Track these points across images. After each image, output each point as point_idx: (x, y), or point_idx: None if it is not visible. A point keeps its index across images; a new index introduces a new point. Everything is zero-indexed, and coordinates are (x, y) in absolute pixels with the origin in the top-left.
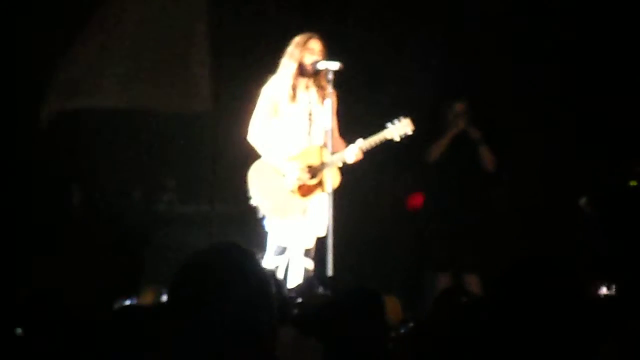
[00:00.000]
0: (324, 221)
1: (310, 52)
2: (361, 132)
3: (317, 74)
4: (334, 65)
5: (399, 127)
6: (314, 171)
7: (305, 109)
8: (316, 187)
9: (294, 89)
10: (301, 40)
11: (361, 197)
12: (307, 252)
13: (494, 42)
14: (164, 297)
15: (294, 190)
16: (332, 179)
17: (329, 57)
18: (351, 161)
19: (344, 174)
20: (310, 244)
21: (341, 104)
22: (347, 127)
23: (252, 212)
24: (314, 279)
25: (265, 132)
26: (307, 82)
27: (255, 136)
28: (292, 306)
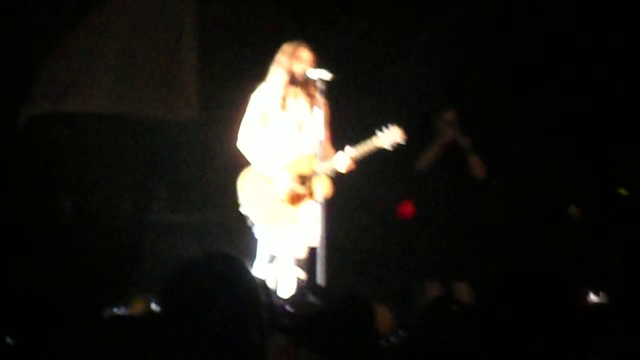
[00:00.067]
0: (315, 230)
1: (299, 61)
2: (351, 141)
3: (307, 83)
4: (325, 74)
5: (387, 135)
6: (304, 180)
7: (295, 118)
8: (306, 196)
9: (284, 98)
10: (290, 48)
11: (352, 206)
12: (298, 262)
13: (485, 51)
14: (154, 306)
15: (284, 198)
16: (323, 188)
17: (319, 65)
18: (343, 170)
19: (335, 183)
20: (301, 253)
21: (331, 111)
22: (338, 135)
23: (242, 220)
24: (305, 288)
25: (255, 140)
26: (297, 91)
27: (245, 143)
28: (283, 315)
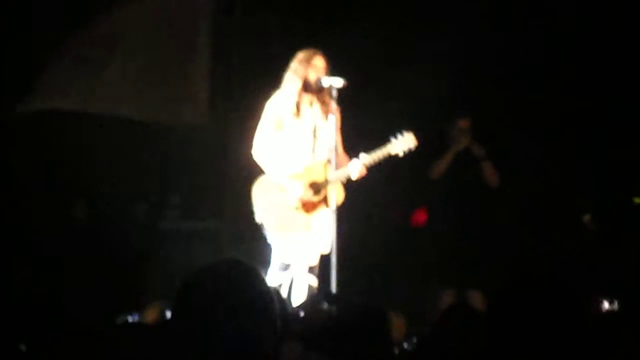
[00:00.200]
0: (329, 238)
1: (314, 69)
2: (365, 148)
3: (321, 91)
4: (338, 82)
5: (401, 142)
6: (317, 187)
7: (309, 125)
8: (320, 204)
9: (298, 105)
10: (305, 56)
11: (365, 213)
12: (311, 269)
13: (499, 58)
14: (168, 314)
15: (298, 206)
16: (336, 195)
17: (333, 72)
18: (355, 177)
19: (348, 190)
20: (314, 260)
21: (345, 119)
22: (351, 142)
23: (256, 228)
24: (318, 295)
25: (269, 148)
26: (311, 99)
27: (259, 151)
28: (296, 322)
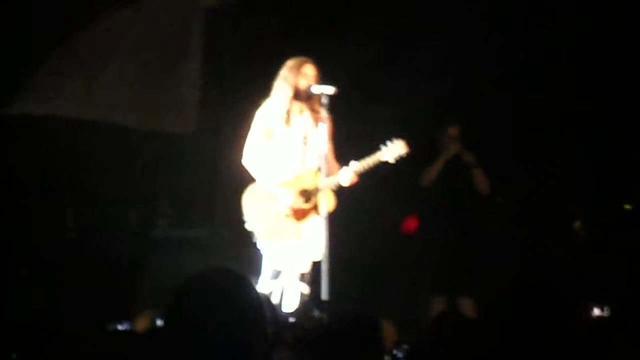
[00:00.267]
0: (320, 245)
1: (304, 77)
2: (356, 155)
3: (311, 98)
4: (329, 89)
5: (392, 149)
6: (308, 195)
7: (299, 133)
8: (311, 211)
9: (288, 113)
10: (295, 64)
11: (356, 220)
12: (302, 277)
13: (490, 65)
14: (158, 322)
15: (289, 214)
16: (327, 202)
17: (324, 80)
18: (346, 184)
19: (340, 197)
20: (305, 268)
21: (335, 126)
22: (342, 150)
23: (247, 235)
24: (310, 303)
25: (259, 156)
26: (301, 106)
27: (249, 160)
28: (287, 330)
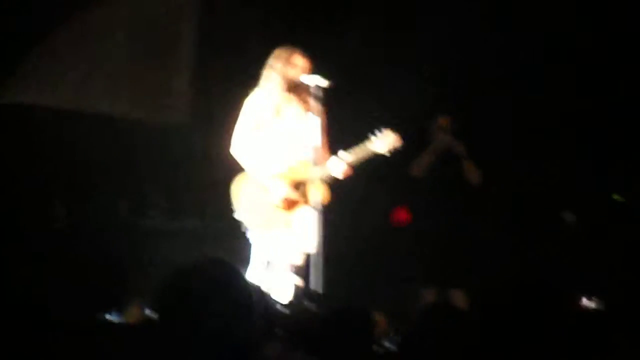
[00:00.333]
0: (311, 237)
1: (293, 67)
2: (347, 147)
3: (301, 89)
4: (320, 80)
5: (381, 138)
6: (299, 186)
7: (289, 124)
8: (300, 201)
9: (278, 104)
10: (283, 54)
11: (346, 212)
12: (296, 269)
13: (482, 55)
14: (148, 313)
15: (279, 204)
16: (320, 194)
17: (314, 71)
18: (340, 176)
19: (331, 190)
20: (297, 259)
21: (326, 118)
22: (333, 141)
23: (237, 226)
24: (301, 294)
25: (248, 146)
26: (291, 97)
27: (238, 149)
28: (279, 320)
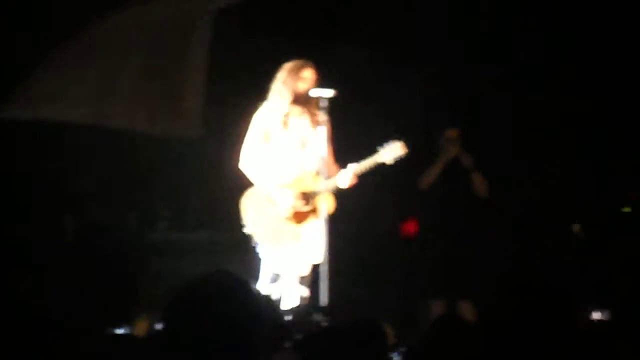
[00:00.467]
0: (319, 248)
1: (303, 81)
2: (354, 158)
3: (309, 101)
4: (328, 92)
5: (390, 150)
6: (307, 198)
7: (297, 136)
8: (310, 214)
9: (286, 116)
10: (294, 67)
11: (355, 223)
12: (302, 280)
13: (489, 66)
14: (157, 326)
15: (288, 217)
16: (326, 205)
17: (322, 83)
18: (345, 186)
19: (339, 200)
20: (305, 271)
21: (334, 129)
22: (341, 152)
23: (246, 239)
24: (309, 306)
25: (257, 159)
26: (300, 110)
27: (247, 163)
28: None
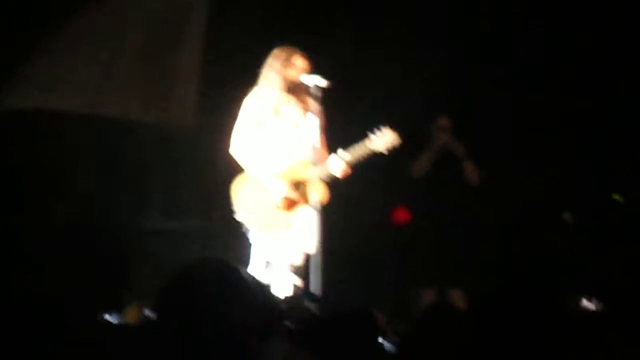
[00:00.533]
0: (311, 237)
1: (293, 68)
2: (345, 146)
3: (300, 89)
4: (320, 80)
5: (380, 137)
6: (299, 186)
7: (288, 124)
8: (299, 201)
9: (277, 104)
10: (284, 54)
11: (346, 212)
12: (295, 269)
13: (481, 55)
14: (148, 313)
15: (279, 204)
16: (319, 194)
17: (313, 71)
18: (339, 175)
19: (330, 189)
20: (297, 260)
21: (326, 118)
22: (332, 141)
23: (238, 226)
24: (301, 294)
25: (248, 146)
26: (291, 97)
27: (238, 149)
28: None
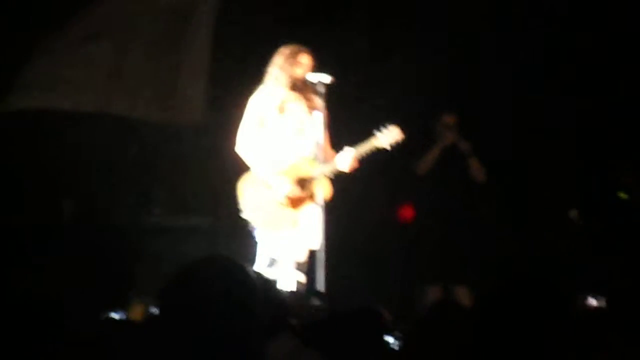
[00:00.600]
0: (316, 234)
1: (300, 67)
2: (351, 144)
3: (305, 86)
4: (326, 78)
5: (387, 134)
6: (303, 183)
7: (294, 121)
8: (306, 199)
9: (282, 101)
10: (290, 52)
11: (351, 209)
12: (299, 265)
13: (486, 52)
14: (153, 310)
15: (285, 202)
16: (323, 190)
17: (319, 68)
18: (346, 170)
19: (335, 186)
20: (302, 257)
21: (330, 115)
22: (337, 138)
23: (244, 224)
24: (306, 291)
25: (253, 144)
26: (296, 95)
27: (243, 147)
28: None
